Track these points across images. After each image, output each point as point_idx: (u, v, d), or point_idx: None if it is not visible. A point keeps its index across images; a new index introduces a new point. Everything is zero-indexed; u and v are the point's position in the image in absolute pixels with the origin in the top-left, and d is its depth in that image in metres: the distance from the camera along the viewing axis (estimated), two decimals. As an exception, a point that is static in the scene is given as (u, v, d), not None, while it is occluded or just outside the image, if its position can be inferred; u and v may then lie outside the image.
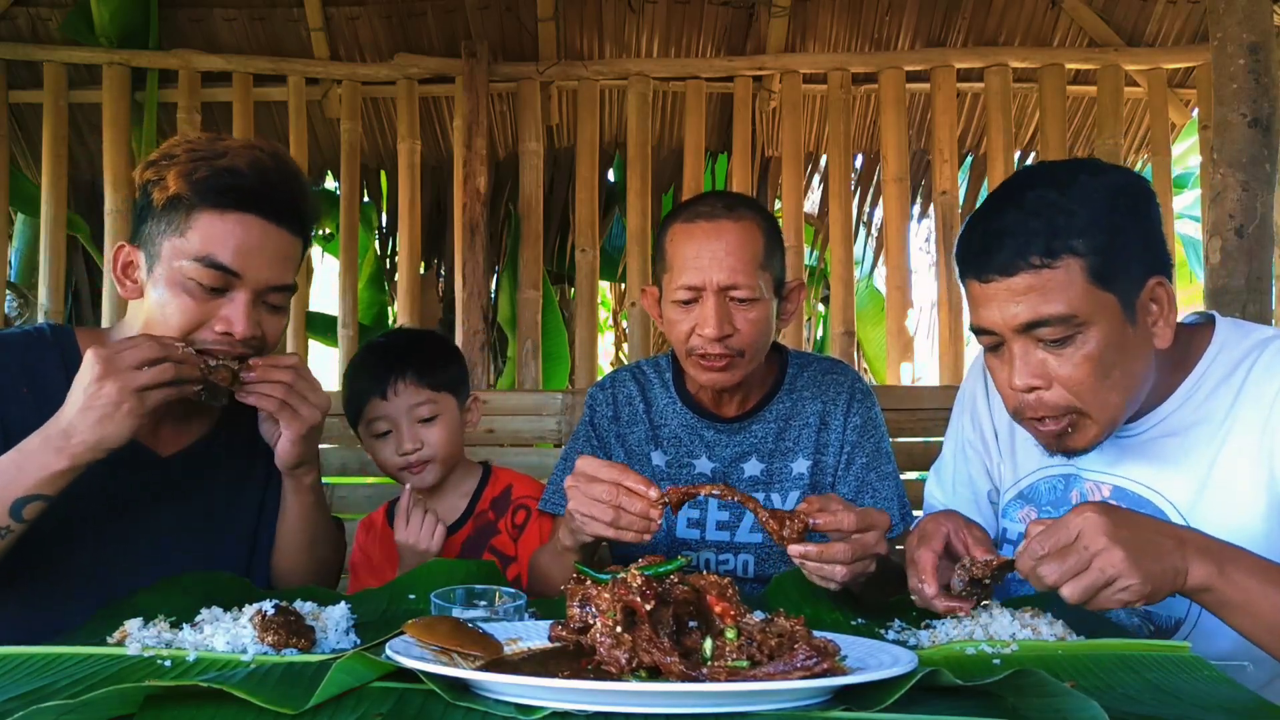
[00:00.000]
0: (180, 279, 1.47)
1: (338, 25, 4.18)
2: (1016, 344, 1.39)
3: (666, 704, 0.93)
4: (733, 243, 1.71)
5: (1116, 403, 1.40)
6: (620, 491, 1.38)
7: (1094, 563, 1.16)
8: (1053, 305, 1.34)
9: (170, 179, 1.47)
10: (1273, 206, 2.82)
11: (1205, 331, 1.51)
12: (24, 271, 5.21)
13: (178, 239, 1.47)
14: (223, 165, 1.47)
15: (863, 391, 1.90)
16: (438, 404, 1.96)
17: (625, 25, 4.20)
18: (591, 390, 1.99)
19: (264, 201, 1.49)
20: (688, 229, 1.75)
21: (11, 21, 4.09)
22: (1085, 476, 1.56)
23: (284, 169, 1.54)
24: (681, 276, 1.73)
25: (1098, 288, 1.35)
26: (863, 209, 4.83)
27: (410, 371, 1.94)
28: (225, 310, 1.48)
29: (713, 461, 1.87)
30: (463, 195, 4.04)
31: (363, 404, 1.96)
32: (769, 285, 1.75)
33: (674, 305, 1.76)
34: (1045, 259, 1.34)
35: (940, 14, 4.15)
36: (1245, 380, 1.44)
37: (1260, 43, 2.76)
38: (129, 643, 1.15)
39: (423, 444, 1.94)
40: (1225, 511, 1.43)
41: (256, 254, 1.48)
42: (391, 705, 0.95)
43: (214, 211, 1.46)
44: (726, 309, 1.71)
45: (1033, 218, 1.36)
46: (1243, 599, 1.21)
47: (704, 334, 1.71)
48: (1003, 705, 0.96)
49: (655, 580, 1.03)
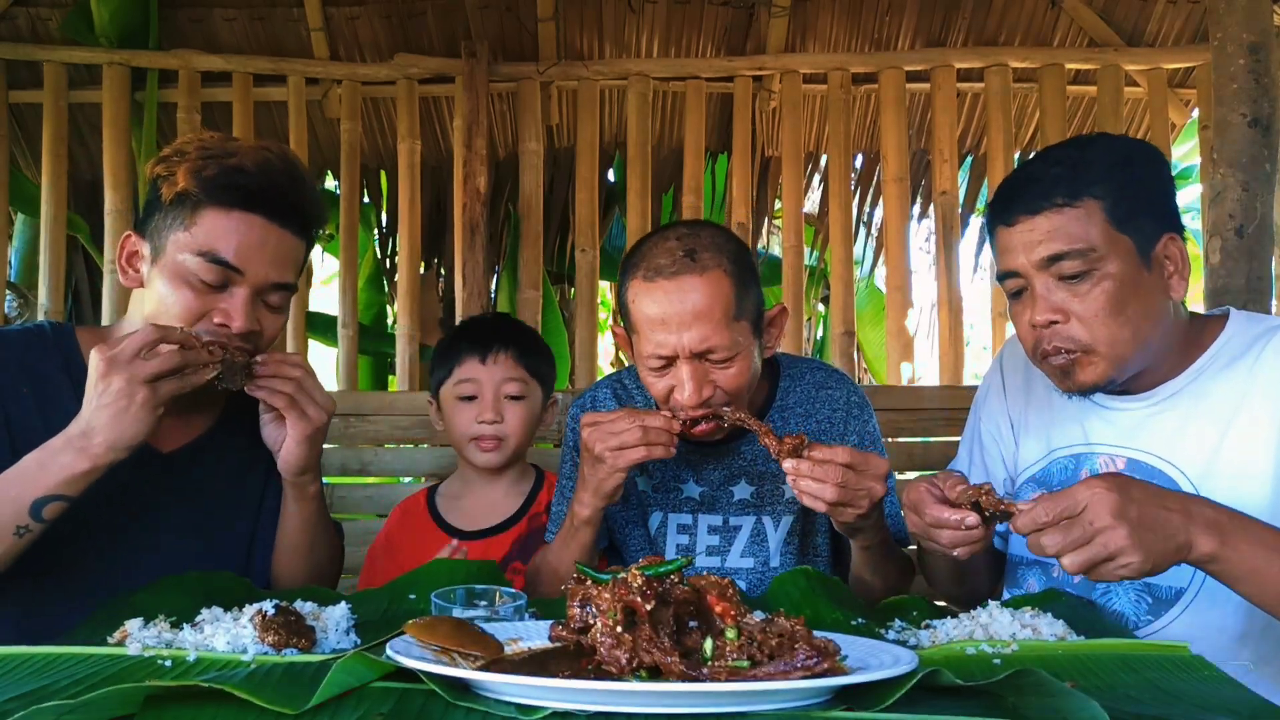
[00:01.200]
0: (182, 272, 1.49)
1: (338, 25, 4.17)
2: (1038, 282, 1.50)
3: (667, 704, 0.93)
4: (700, 303, 1.56)
5: (1127, 340, 1.48)
6: (635, 416, 1.50)
7: (1097, 538, 1.18)
8: (1073, 240, 1.47)
9: (180, 174, 1.49)
10: (1273, 206, 2.82)
11: (1220, 320, 1.59)
12: (24, 271, 5.20)
13: (182, 233, 1.49)
14: (231, 164, 1.49)
15: (858, 405, 1.83)
16: (527, 386, 2.01)
17: (625, 25, 4.19)
18: (572, 409, 1.92)
19: (268, 202, 1.51)
20: (649, 289, 1.59)
21: (11, 21, 4.08)
22: (1099, 451, 1.60)
23: (291, 171, 1.56)
24: (650, 344, 1.60)
25: (1115, 229, 1.47)
26: (863, 209, 4.82)
27: (512, 347, 2.01)
28: (224, 304, 1.50)
29: (700, 485, 1.81)
30: (463, 195, 4.03)
31: (456, 364, 2.00)
32: (746, 333, 1.62)
33: (647, 369, 1.64)
34: (1068, 199, 1.48)
35: (940, 14, 4.14)
36: (1259, 359, 1.51)
37: (1260, 43, 2.76)
38: (129, 643, 1.15)
39: (503, 419, 1.96)
40: (1236, 482, 1.46)
41: (258, 252, 1.50)
42: (392, 705, 0.95)
43: (219, 208, 1.49)
44: (703, 371, 1.59)
45: (1056, 165, 1.51)
46: (1248, 569, 1.23)
47: (681, 399, 1.60)
48: (1003, 705, 0.96)
49: (655, 580, 1.03)
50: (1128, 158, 1.51)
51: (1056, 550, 1.20)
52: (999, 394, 1.78)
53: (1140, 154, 1.54)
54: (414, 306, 4.23)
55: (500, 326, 2.09)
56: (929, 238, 4.90)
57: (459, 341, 2.05)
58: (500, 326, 2.09)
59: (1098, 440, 1.60)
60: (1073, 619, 1.29)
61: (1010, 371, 1.78)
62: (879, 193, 4.60)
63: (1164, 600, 1.51)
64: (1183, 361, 1.56)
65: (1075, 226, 1.47)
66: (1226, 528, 1.23)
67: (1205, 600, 1.47)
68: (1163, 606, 1.50)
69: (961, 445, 1.86)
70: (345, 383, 4.26)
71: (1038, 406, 1.70)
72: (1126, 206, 1.47)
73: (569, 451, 1.88)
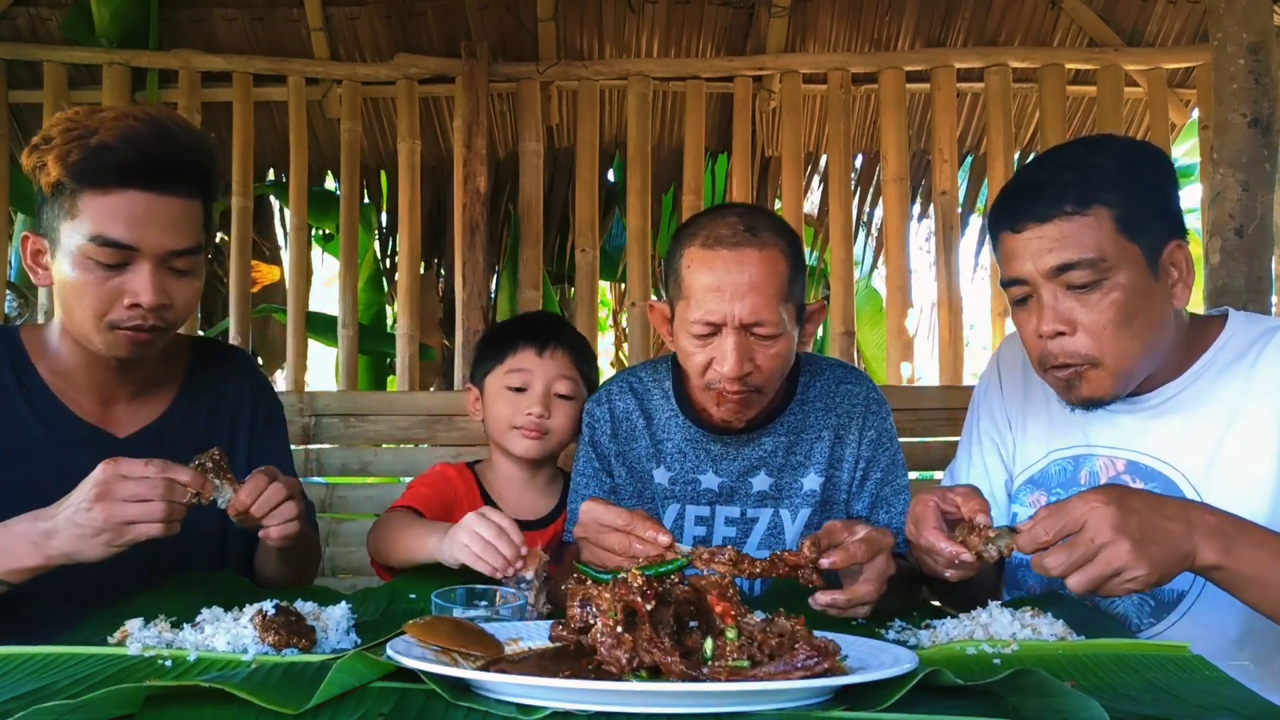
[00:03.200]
0: (79, 260, 1.47)
1: (338, 25, 4.17)
2: (1045, 291, 1.46)
3: (667, 704, 0.93)
4: (757, 276, 1.59)
5: (1134, 353, 1.46)
6: (632, 541, 1.33)
7: (1100, 555, 1.17)
8: (1083, 250, 1.43)
9: (50, 163, 1.46)
10: (1273, 206, 2.82)
11: (1219, 321, 1.58)
12: (24, 271, 5.20)
13: (69, 222, 1.47)
14: (94, 144, 1.44)
15: (877, 402, 1.84)
16: (577, 387, 2.00)
17: (625, 25, 4.19)
18: (588, 405, 1.92)
19: (142, 173, 1.46)
20: (707, 257, 1.62)
21: (11, 21, 4.08)
22: (1099, 454, 1.59)
23: (162, 134, 1.49)
24: (699, 310, 1.61)
25: (1125, 237, 1.43)
26: (863, 209, 4.82)
27: (569, 346, 2.01)
28: (131, 283, 1.47)
29: (719, 476, 1.81)
30: (463, 195, 4.03)
31: (510, 352, 2.00)
32: (791, 317, 1.65)
33: (690, 337, 1.65)
34: (1078, 207, 1.43)
35: (940, 14, 4.14)
36: (1258, 361, 1.50)
37: (1260, 43, 2.76)
38: (129, 643, 1.14)
39: (549, 415, 1.97)
40: (1236, 484, 1.46)
41: (148, 224, 1.46)
42: (392, 705, 0.95)
43: (95, 191, 1.45)
44: (747, 345, 1.61)
45: (1066, 170, 1.46)
46: (1252, 574, 1.23)
47: (722, 371, 1.61)
48: (1003, 705, 0.96)
49: (656, 580, 1.03)
50: (1135, 162, 1.48)
51: (1061, 571, 1.19)
52: (997, 393, 1.78)
53: (1147, 157, 1.51)
54: (414, 306, 4.23)
55: (557, 324, 2.11)
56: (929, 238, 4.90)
57: (515, 329, 2.06)
58: (557, 324, 2.11)
59: (1097, 442, 1.60)
60: (1073, 619, 1.29)
61: (1008, 370, 1.77)
62: (879, 193, 4.60)
63: (1166, 604, 1.50)
64: (1183, 364, 1.54)
65: (1086, 235, 1.43)
66: (1229, 534, 1.22)
67: (1206, 603, 1.46)
68: (1165, 610, 1.50)
69: (960, 446, 1.85)
70: (345, 383, 4.27)
71: (1035, 407, 1.69)
72: (1136, 214, 1.44)
73: (585, 448, 1.88)
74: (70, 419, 1.59)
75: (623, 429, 1.86)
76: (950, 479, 1.81)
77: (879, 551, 1.35)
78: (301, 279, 4.35)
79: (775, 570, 1.29)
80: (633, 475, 1.85)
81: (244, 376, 1.80)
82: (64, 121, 1.50)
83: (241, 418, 1.76)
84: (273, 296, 5.55)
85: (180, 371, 1.71)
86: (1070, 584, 1.19)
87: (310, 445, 2.96)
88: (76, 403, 1.60)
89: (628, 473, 1.85)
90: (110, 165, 1.44)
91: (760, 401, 1.70)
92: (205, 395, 1.69)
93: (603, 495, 1.83)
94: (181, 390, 1.70)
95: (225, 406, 1.74)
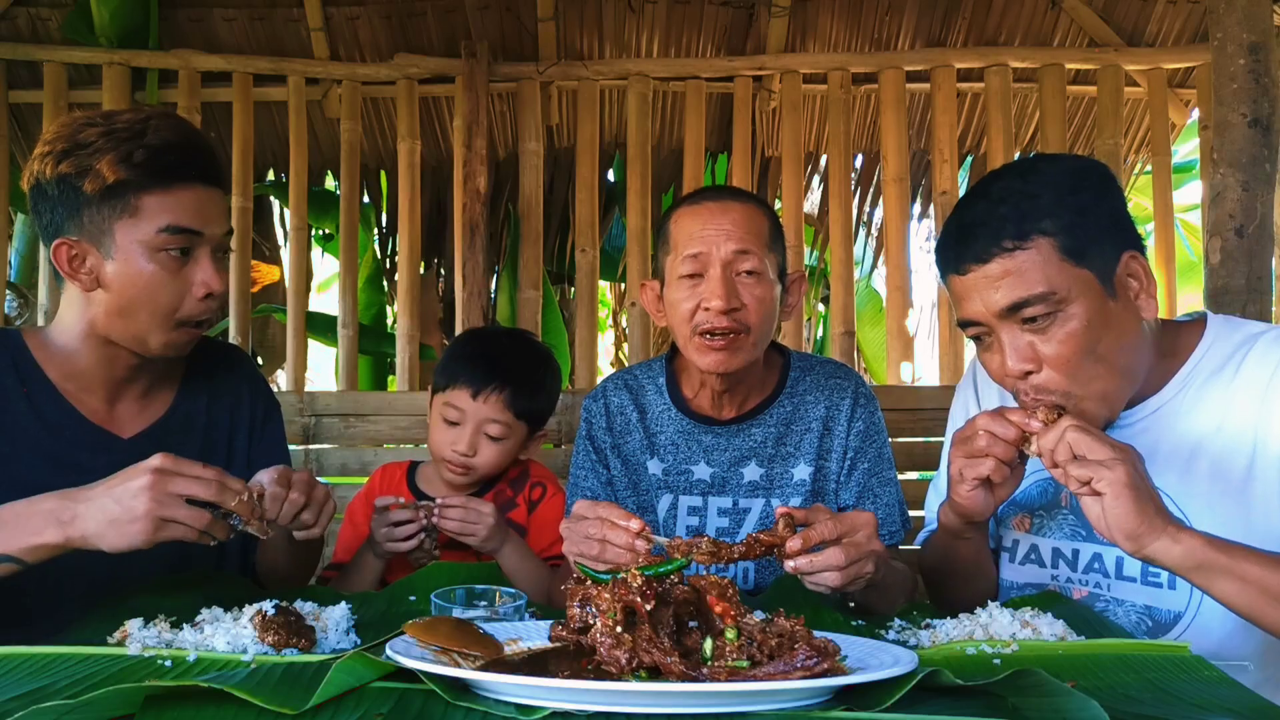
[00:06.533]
0: (151, 253, 1.51)
1: (338, 25, 4.17)
2: (1003, 330, 1.43)
3: (667, 704, 0.93)
4: (739, 218, 1.72)
5: (1107, 375, 1.42)
6: (605, 525, 1.38)
7: (1100, 470, 1.23)
8: (1031, 285, 1.38)
9: (104, 168, 1.48)
10: (1273, 206, 2.82)
11: (1197, 327, 1.55)
12: (24, 271, 5.21)
13: (128, 220, 1.50)
14: (155, 144, 1.51)
15: (866, 396, 1.87)
16: (510, 429, 1.98)
17: (625, 25, 4.19)
18: (585, 401, 1.96)
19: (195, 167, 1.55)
20: (693, 209, 1.75)
21: (11, 21, 4.08)
22: None
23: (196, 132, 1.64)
24: (686, 249, 1.72)
25: (1072, 264, 1.39)
26: (863, 209, 4.83)
27: (509, 390, 1.96)
28: (197, 274, 1.54)
29: (711, 466, 1.84)
30: (463, 195, 4.04)
31: (451, 385, 1.98)
32: (774, 267, 1.74)
33: (678, 283, 1.73)
34: (1017, 241, 1.38)
35: (940, 14, 4.14)
36: (1238, 371, 1.47)
37: (1260, 43, 2.76)
38: (129, 643, 1.15)
39: (477, 454, 1.96)
40: (1220, 500, 1.44)
41: (206, 212, 1.55)
42: (392, 705, 0.95)
43: (159, 187, 1.51)
44: (733, 281, 1.70)
45: (1000, 205, 1.41)
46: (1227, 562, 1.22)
47: (711, 306, 1.68)
48: (1003, 705, 0.96)
49: (655, 580, 1.03)
50: (1073, 184, 1.41)
51: (1063, 473, 1.27)
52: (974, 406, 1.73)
53: (1085, 175, 1.44)
54: (414, 306, 4.24)
55: (504, 358, 2.00)
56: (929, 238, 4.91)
57: (459, 364, 1.99)
58: (504, 358, 2.00)
59: None
60: (1072, 619, 1.29)
61: (985, 383, 1.74)
62: (879, 193, 4.60)
63: (1164, 624, 1.49)
64: (1162, 374, 1.51)
65: (1030, 269, 1.37)
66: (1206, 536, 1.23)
67: (1203, 623, 1.45)
68: (1161, 630, 1.49)
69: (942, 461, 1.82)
70: (345, 383, 4.27)
71: None
72: (1080, 237, 1.38)
73: (583, 442, 1.92)
74: (77, 419, 1.60)
75: (617, 423, 1.90)
76: (935, 492, 1.80)
77: (857, 529, 1.36)
78: (301, 279, 4.36)
79: (754, 552, 1.31)
80: (627, 467, 1.88)
81: (240, 374, 1.81)
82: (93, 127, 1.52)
83: (240, 415, 1.77)
84: (273, 296, 5.56)
85: (179, 370, 1.72)
86: (1064, 465, 1.27)
87: (310, 445, 2.97)
88: (83, 403, 1.61)
89: (623, 465, 1.88)
90: (175, 163, 1.52)
91: (747, 349, 1.72)
92: (203, 393, 1.71)
93: (600, 486, 1.88)
94: (181, 389, 1.72)
95: (223, 404, 1.76)
